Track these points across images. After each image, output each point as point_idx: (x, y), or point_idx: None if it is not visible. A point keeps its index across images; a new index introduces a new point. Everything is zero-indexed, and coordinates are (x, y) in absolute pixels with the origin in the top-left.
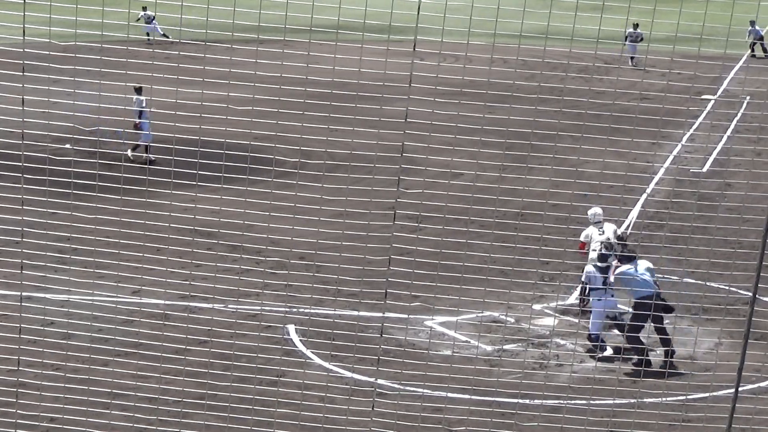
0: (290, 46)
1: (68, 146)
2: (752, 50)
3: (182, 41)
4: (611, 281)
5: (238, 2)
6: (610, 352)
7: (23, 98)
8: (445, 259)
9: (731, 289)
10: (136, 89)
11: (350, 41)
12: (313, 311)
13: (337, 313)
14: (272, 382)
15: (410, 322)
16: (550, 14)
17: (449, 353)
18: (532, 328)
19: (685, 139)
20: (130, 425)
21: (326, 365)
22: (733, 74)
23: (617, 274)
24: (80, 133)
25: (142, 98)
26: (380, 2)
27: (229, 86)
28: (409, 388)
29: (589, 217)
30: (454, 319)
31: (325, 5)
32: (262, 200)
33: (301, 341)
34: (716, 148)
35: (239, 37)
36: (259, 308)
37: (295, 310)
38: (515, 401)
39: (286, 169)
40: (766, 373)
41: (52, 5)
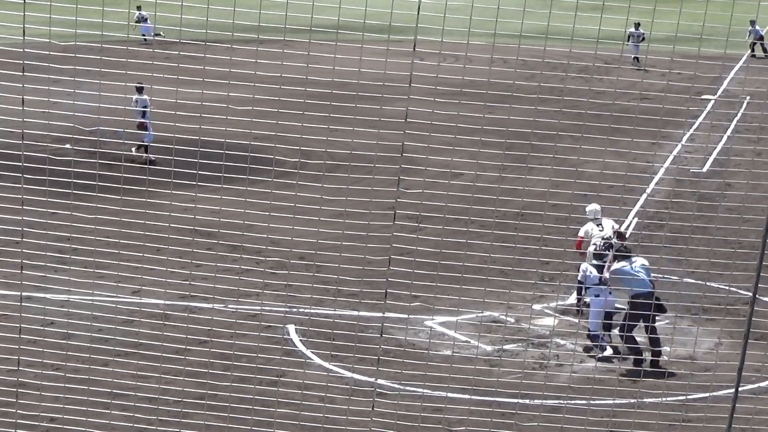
0: (290, 46)
1: (68, 146)
2: (752, 50)
3: (182, 41)
4: (606, 277)
5: (238, 2)
6: (609, 351)
7: (23, 98)
8: (445, 259)
9: (731, 289)
10: (137, 88)
11: (350, 41)
12: (313, 311)
13: (337, 313)
14: (272, 382)
15: (410, 322)
16: (550, 14)
17: (449, 353)
18: (532, 328)
19: (685, 139)
20: (130, 425)
21: (326, 365)
22: (733, 74)
23: (612, 271)
24: (80, 133)
25: (144, 97)
26: (380, 2)
27: (229, 86)
28: (409, 388)
29: (587, 213)
30: (454, 319)
31: (325, 5)
32: (262, 200)
33: (301, 341)
34: (716, 148)
35: (239, 37)
36: (259, 308)
37: (295, 310)
38: (515, 401)
39: (286, 169)
40: (766, 373)
41: (52, 5)
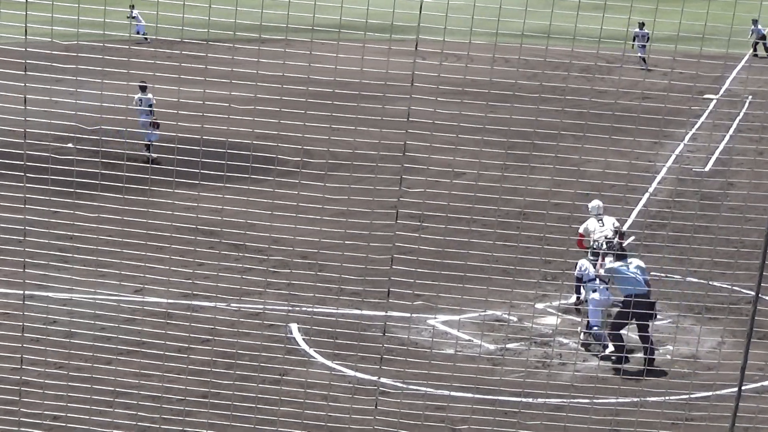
0: (292, 45)
1: (70, 145)
2: (754, 49)
3: (184, 40)
4: (601, 274)
5: (240, 2)
6: (611, 348)
7: (26, 97)
8: (447, 258)
9: (734, 288)
10: (140, 87)
11: (352, 40)
12: (315, 310)
13: (339, 311)
14: (275, 380)
15: (413, 321)
16: (552, 13)
17: (452, 352)
18: (534, 327)
19: (687, 138)
20: (133, 423)
21: (329, 364)
22: (735, 74)
23: (607, 269)
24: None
25: (149, 96)
26: (382, 2)
27: (231, 85)
28: (412, 387)
29: (589, 210)
30: (456, 317)
31: (327, 5)
32: (264, 199)
33: (303, 340)
34: (718, 147)
35: (241, 36)
36: (261, 307)
37: (297, 308)
38: (518, 400)
39: (288, 168)
40: None
41: (54, 5)
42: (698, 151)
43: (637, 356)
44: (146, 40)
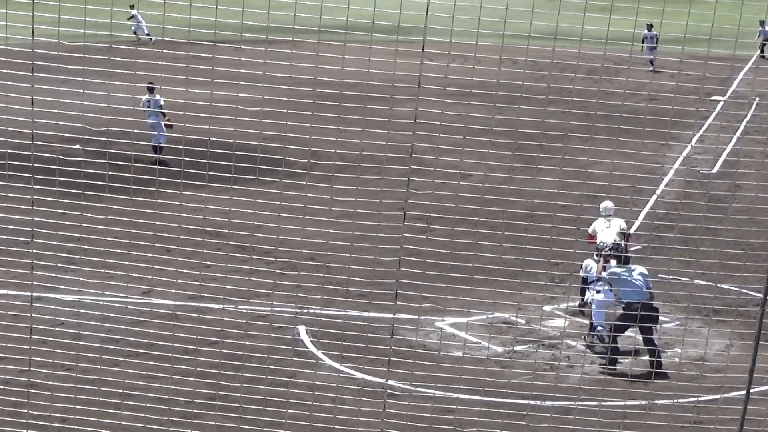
0: (299, 46)
1: (77, 146)
2: (762, 51)
3: (191, 41)
4: (603, 277)
5: (247, 2)
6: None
7: (32, 98)
8: (454, 260)
9: (742, 290)
10: (148, 89)
11: (359, 42)
12: (323, 312)
13: (347, 313)
14: (283, 382)
15: (421, 323)
16: (558, 15)
17: (460, 354)
18: (542, 329)
19: (694, 140)
20: (140, 426)
21: (337, 366)
22: (742, 75)
23: (610, 273)
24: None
25: (157, 97)
26: (389, 3)
27: (237, 87)
28: (419, 389)
29: (600, 210)
30: (464, 320)
31: (333, 5)
32: (271, 201)
33: (311, 342)
34: (726, 149)
35: (248, 37)
36: (269, 309)
37: (305, 310)
38: (526, 402)
39: (295, 169)
40: None
41: (60, 6)
42: (706, 152)
43: (644, 359)
44: (151, 41)
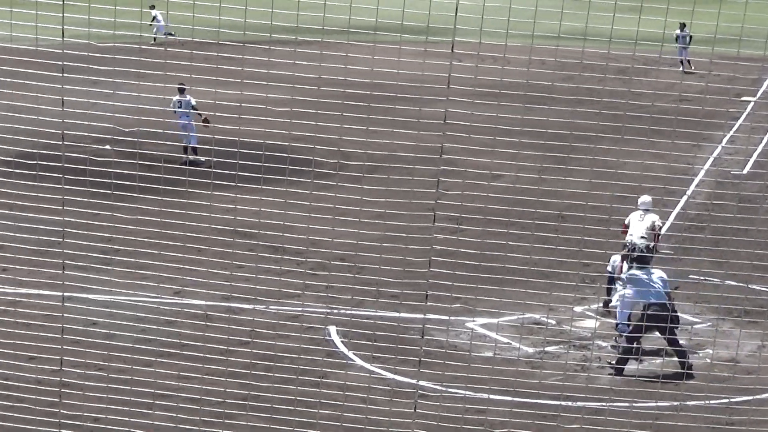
0: (328, 47)
1: (108, 147)
2: None
3: (220, 42)
4: (622, 277)
5: (276, 3)
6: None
7: (63, 99)
8: (485, 260)
9: None
10: (179, 89)
11: (388, 42)
12: (354, 312)
13: (377, 314)
14: (314, 383)
15: (451, 323)
16: (588, 15)
17: (491, 355)
18: (573, 329)
19: (725, 141)
20: (173, 426)
21: (368, 366)
22: None
23: (629, 275)
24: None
25: (188, 98)
26: (418, 3)
27: (267, 87)
28: (450, 389)
29: (638, 204)
30: (495, 320)
31: (362, 6)
32: (302, 201)
33: (342, 342)
34: (756, 150)
35: (277, 38)
36: (300, 309)
37: (335, 311)
38: (557, 403)
39: (324, 170)
40: None
41: (90, 6)
42: (736, 153)
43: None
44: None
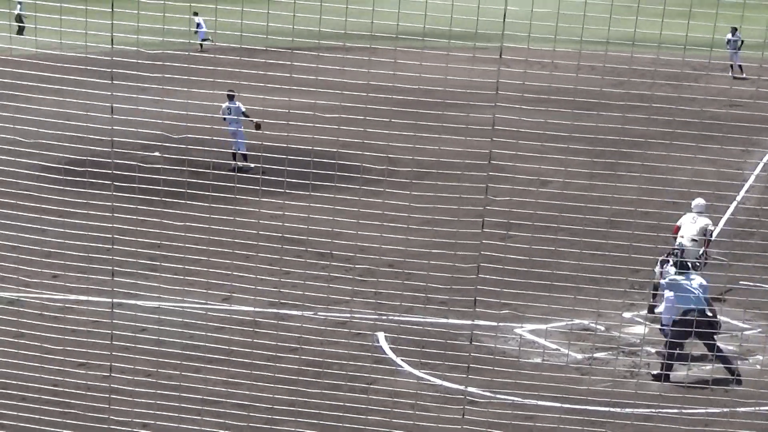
0: (376, 53)
1: (157, 153)
2: None
3: (269, 49)
4: (662, 283)
5: (324, 10)
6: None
7: (112, 106)
8: (534, 266)
9: None
10: (228, 96)
11: (436, 48)
12: (402, 319)
13: (426, 320)
14: (363, 389)
15: (500, 329)
16: (636, 20)
17: (539, 361)
18: (622, 336)
19: None
20: None
21: (416, 373)
22: None
23: (669, 280)
24: (168, 140)
25: (237, 104)
26: (467, 9)
27: (315, 93)
28: (499, 395)
29: (692, 206)
30: (543, 326)
31: (411, 12)
32: (350, 207)
33: (390, 349)
34: None
35: (325, 44)
36: (348, 315)
37: (384, 317)
38: (606, 410)
39: (372, 176)
40: None
41: (140, 14)
42: None
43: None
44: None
